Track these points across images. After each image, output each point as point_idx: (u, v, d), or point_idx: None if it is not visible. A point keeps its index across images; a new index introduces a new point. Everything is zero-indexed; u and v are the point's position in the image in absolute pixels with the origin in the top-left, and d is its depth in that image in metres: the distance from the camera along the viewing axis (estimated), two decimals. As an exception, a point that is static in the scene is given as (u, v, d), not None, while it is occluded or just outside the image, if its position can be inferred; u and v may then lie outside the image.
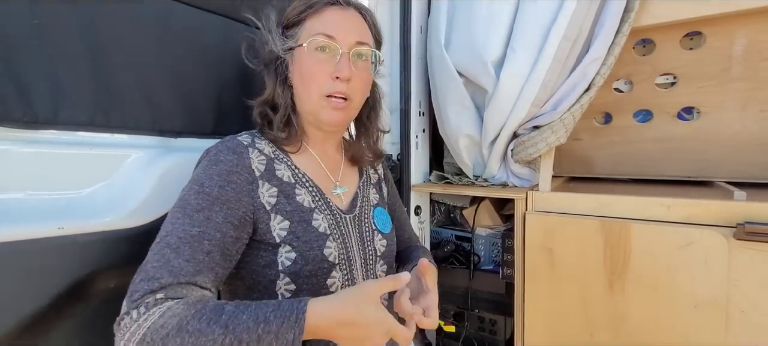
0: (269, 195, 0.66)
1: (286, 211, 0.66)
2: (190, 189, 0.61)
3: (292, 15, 0.71)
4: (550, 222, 0.96)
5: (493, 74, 1.02)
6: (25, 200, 0.61)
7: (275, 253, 0.64)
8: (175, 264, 0.55)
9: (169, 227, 0.58)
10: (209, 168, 0.63)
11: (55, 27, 0.61)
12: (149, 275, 0.54)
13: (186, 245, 0.56)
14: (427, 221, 1.31)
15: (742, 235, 0.76)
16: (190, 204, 0.59)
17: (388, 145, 1.23)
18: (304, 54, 0.69)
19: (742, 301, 0.77)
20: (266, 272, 0.64)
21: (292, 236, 0.65)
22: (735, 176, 1.04)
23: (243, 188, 0.63)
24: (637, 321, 0.87)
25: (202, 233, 0.58)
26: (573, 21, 0.91)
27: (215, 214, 0.59)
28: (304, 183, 0.71)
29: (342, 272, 0.69)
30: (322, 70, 0.68)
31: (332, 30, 0.68)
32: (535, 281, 0.98)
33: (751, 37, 0.92)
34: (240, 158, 0.65)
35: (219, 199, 0.60)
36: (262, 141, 0.71)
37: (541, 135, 1.01)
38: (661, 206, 0.85)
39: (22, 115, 0.59)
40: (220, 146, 0.66)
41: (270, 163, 0.69)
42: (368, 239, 0.75)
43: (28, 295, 0.58)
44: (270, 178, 0.67)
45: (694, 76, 1.01)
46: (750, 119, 0.98)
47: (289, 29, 0.72)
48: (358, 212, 0.77)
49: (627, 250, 0.86)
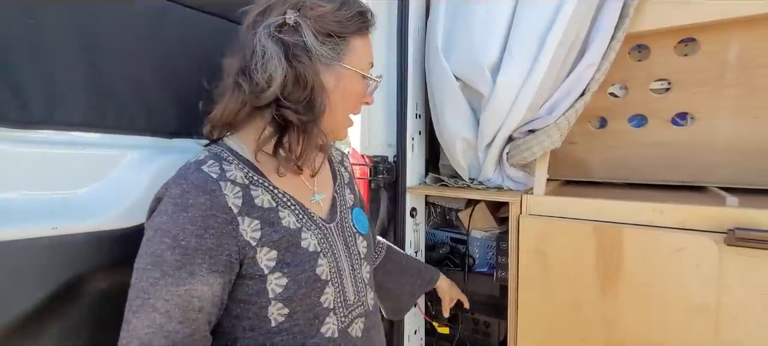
0: (252, 230, 0.60)
1: (272, 240, 0.62)
2: (161, 242, 0.55)
3: (335, 26, 0.64)
4: (544, 225, 0.97)
5: (490, 79, 1.03)
6: (19, 200, 0.61)
7: (264, 281, 0.61)
8: (169, 328, 0.53)
9: (147, 288, 0.54)
10: (178, 216, 0.56)
11: (51, 28, 0.62)
12: (145, 342, 0.52)
13: (176, 308, 0.54)
14: (423, 222, 1.31)
15: (732, 240, 0.76)
16: (167, 261, 0.54)
17: (385, 147, 1.23)
18: (349, 76, 0.67)
19: (732, 306, 0.78)
20: (256, 300, 0.61)
21: (282, 263, 0.62)
22: (729, 181, 1.04)
23: (223, 230, 0.57)
24: (628, 325, 0.87)
25: (188, 291, 0.54)
26: (569, 27, 0.92)
27: (198, 267, 0.55)
28: (287, 203, 0.67)
29: (334, 287, 0.68)
30: (361, 96, 0.72)
31: (372, 57, 0.71)
32: (528, 284, 0.99)
33: (744, 45, 0.93)
34: (212, 198, 0.58)
35: (198, 249, 0.55)
36: (231, 165, 0.63)
37: (537, 139, 1.02)
38: (653, 210, 0.86)
39: (17, 115, 0.59)
40: (184, 185, 0.58)
41: (246, 192, 0.62)
42: (352, 245, 0.75)
43: (22, 294, 0.59)
44: (250, 210, 0.61)
45: (688, 83, 1.01)
46: (743, 126, 0.99)
47: (328, 36, 0.64)
48: (340, 219, 0.75)
49: (619, 254, 0.87)
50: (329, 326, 0.67)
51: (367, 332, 0.74)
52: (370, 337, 0.75)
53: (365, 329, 0.74)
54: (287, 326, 0.63)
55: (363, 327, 0.73)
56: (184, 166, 0.62)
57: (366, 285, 0.77)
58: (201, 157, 0.63)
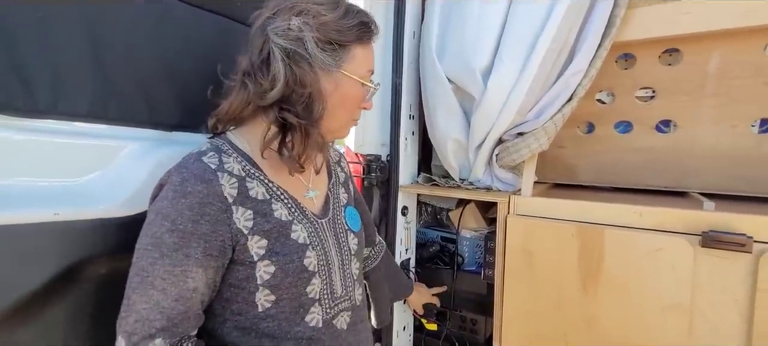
0: (245, 219, 0.64)
1: (263, 230, 0.65)
2: (161, 225, 0.59)
3: (336, 34, 0.66)
4: (530, 225, 1.00)
5: (481, 82, 1.06)
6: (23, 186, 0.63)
7: (253, 268, 0.64)
8: (166, 305, 0.57)
9: (146, 267, 0.58)
10: (177, 201, 0.60)
11: (58, 22, 0.64)
12: (142, 316, 0.57)
13: (172, 286, 0.58)
14: (414, 221, 1.34)
15: (706, 242, 0.80)
16: (166, 243, 0.58)
17: (379, 146, 1.26)
18: (349, 82, 0.69)
19: (705, 305, 0.81)
20: (244, 285, 0.65)
21: (271, 252, 0.65)
22: (709, 187, 1.08)
23: (218, 217, 0.61)
24: (607, 323, 0.91)
25: (184, 271, 0.58)
26: (558, 34, 0.95)
27: (193, 250, 0.59)
28: (280, 197, 0.70)
29: (321, 279, 0.71)
30: (360, 102, 0.74)
31: (372, 65, 0.73)
32: (514, 282, 1.02)
33: (724, 57, 0.97)
34: (209, 187, 0.61)
35: (194, 234, 0.59)
36: (230, 157, 0.67)
37: (525, 141, 1.05)
38: (633, 213, 0.90)
39: (23, 104, 0.62)
40: (185, 173, 0.62)
41: (242, 183, 0.66)
42: (343, 240, 0.78)
43: (24, 277, 0.61)
44: (244, 201, 0.65)
45: (672, 91, 1.05)
46: (723, 134, 1.02)
47: (328, 43, 0.66)
48: (332, 215, 0.78)
49: (600, 254, 0.90)
50: (314, 316, 0.70)
51: (352, 325, 0.77)
52: (356, 331, 0.78)
53: (351, 322, 0.76)
54: (273, 313, 0.66)
55: (349, 321, 0.76)
56: (186, 156, 0.66)
57: (355, 280, 0.79)
58: (203, 149, 0.67)
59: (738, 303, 0.79)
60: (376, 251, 1.06)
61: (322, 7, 0.66)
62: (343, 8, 0.68)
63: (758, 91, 0.95)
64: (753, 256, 0.77)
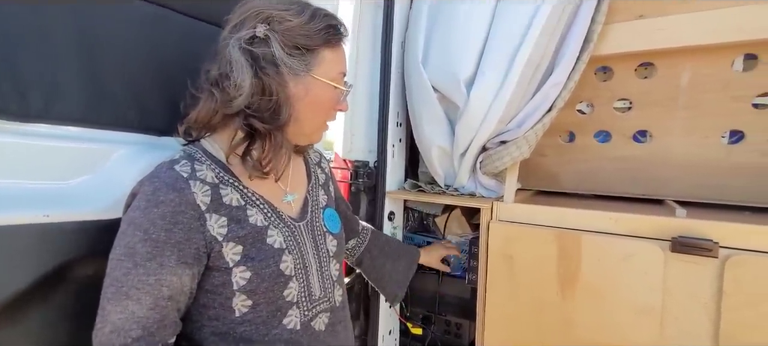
0: (219, 226, 0.64)
1: (238, 236, 0.65)
2: (134, 235, 0.59)
3: (303, 39, 0.67)
4: (511, 231, 1.03)
5: (465, 92, 1.09)
6: (14, 188, 0.65)
7: (229, 274, 0.65)
8: (141, 315, 0.58)
9: (120, 277, 0.58)
10: (149, 211, 0.60)
11: (52, 27, 0.66)
12: (117, 326, 0.57)
13: (147, 296, 0.58)
14: (400, 226, 1.37)
15: (676, 247, 0.84)
16: (139, 253, 0.58)
17: (366, 153, 1.29)
18: (320, 86, 0.69)
19: (675, 308, 0.85)
20: (221, 291, 0.65)
21: (246, 258, 0.65)
22: (683, 195, 1.12)
23: (191, 225, 0.61)
24: (584, 326, 0.94)
25: (158, 280, 0.59)
26: (536, 48, 0.99)
27: (167, 258, 0.59)
28: (255, 202, 0.70)
29: (298, 282, 0.72)
30: (333, 104, 0.74)
31: (344, 67, 0.73)
32: (495, 287, 1.05)
33: (695, 71, 1.01)
34: (182, 196, 0.62)
35: (168, 242, 0.59)
36: (203, 165, 0.67)
37: (507, 149, 1.09)
38: (609, 219, 0.93)
39: (15, 108, 0.63)
40: (157, 183, 0.62)
41: (215, 191, 0.66)
42: (321, 242, 0.79)
43: (12, 276, 0.62)
44: (217, 208, 0.65)
45: (647, 103, 1.10)
46: (695, 145, 1.07)
47: (296, 48, 0.67)
48: (310, 218, 0.79)
49: (577, 259, 0.94)
50: (292, 319, 0.71)
51: (331, 326, 0.78)
52: (335, 332, 0.79)
53: (330, 323, 0.77)
54: (250, 317, 0.67)
55: (328, 322, 0.77)
56: (159, 165, 0.66)
57: (334, 282, 0.80)
58: (176, 157, 0.67)
59: (706, 306, 0.83)
60: (361, 237, 1.08)
61: (287, 12, 0.66)
62: (310, 12, 0.68)
63: (727, 105, 1.00)
64: (719, 261, 0.81)
